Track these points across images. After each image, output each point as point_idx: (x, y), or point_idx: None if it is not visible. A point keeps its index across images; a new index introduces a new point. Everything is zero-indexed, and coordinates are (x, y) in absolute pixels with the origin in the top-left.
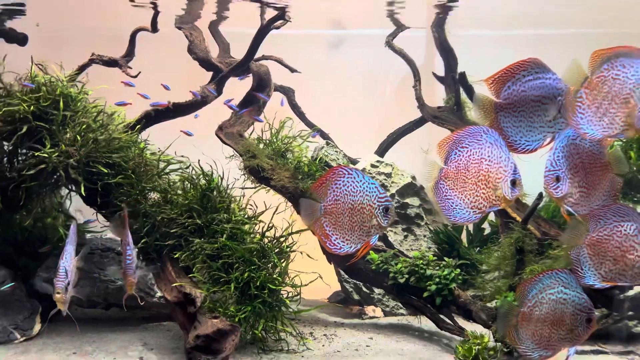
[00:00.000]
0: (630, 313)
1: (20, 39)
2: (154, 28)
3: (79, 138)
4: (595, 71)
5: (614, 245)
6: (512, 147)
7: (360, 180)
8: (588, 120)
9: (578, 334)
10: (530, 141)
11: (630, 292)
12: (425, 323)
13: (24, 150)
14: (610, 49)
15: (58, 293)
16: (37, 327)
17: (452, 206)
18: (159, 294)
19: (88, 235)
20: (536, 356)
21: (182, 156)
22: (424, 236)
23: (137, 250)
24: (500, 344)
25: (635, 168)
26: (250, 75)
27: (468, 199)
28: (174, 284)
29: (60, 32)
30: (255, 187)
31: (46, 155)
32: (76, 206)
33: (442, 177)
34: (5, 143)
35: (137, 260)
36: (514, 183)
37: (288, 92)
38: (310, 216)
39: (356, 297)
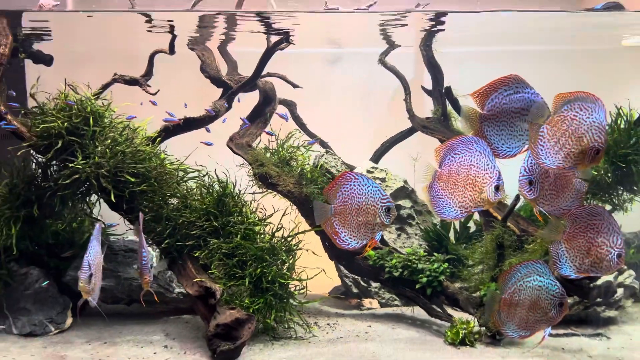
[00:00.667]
0: (598, 300)
1: (47, 60)
2: (172, 50)
3: (107, 151)
4: (557, 111)
5: (587, 241)
6: (494, 153)
7: (365, 184)
8: (546, 152)
9: (552, 316)
10: (510, 147)
11: (598, 282)
12: (418, 313)
13: (55, 162)
14: (571, 93)
15: (82, 283)
16: (69, 320)
17: (442, 204)
18: (177, 290)
19: (112, 238)
20: (516, 336)
21: (202, 166)
22: (416, 235)
23: (158, 250)
24: (484, 328)
25: (602, 171)
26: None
27: (457, 199)
28: (195, 280)
29: (82, 54)
30: (263, 192)
31: (80, 166)
32: (95, 213)
33: (436, 179)
34: (39, 156)
35: (158, 259)
36: (497, 188)
37: (290, 106)
38: (322, 216)
39: (355, 290)
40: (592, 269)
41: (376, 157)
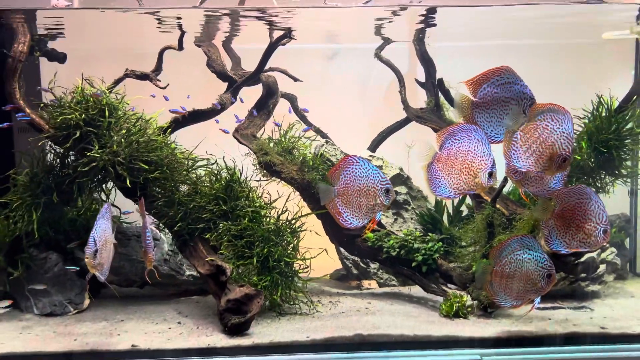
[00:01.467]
0: (582, 275)
1: (61, 58)
2: (180, 47)
3: (123, 141)
4: (531, 119)
5: (575, 219)
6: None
7: (366, 167)
8: (518, 156)
9: (541, 287)
10: (499, 134)
11: (582, 259)
12: (414, 291)
13: (73, 152)
14: (545, 104)
15: (87, 258)
16: (87, 301)
17: (438, 184)
18: (187, 273)
19: (125, 225)
20: (508, 305)
21: (211, 154)
22: (411, 219)
23: (170, 234)
24: (476, 301)
25: (585, 156)
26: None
27: (452, 181)
28: (206, 259)
29: (93, 51)
30: (267, 180)
31: (97, 155)
32: (111, 200)
33: (435, 160)
34: (56, 147)
35: (170, 244)
36: (490, 174)
37: (291, 98)
38: (326, 197)
39: (355, 271)
40: (581, 244)
41: (373, 146)
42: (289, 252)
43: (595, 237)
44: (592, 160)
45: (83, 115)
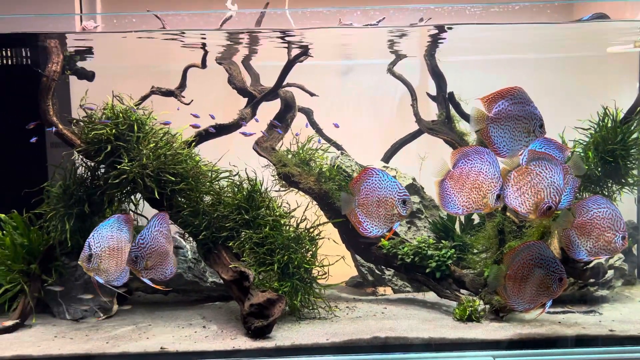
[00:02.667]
0: (591, 280)
1: (89, 76)
2: (204, 65)
3: (151, 154)
4: (527, 163)
5: (595, 227)
6: (496, 152)
7: (385, 179)
8: (508, 194)
9: (553, 290)
10: (510, 150)
11: (590, 264)
12: (428, 297)
13: (103, 165)
14: (540, 153)
15: (80, 262)
16: (115, 307)
17: (449, 200)
18: (210, 279)
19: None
20: (521, 308)
21: (234, 166)
22: (424, 227)
23: (194, 242)
24: (488, 306)
25: (592, 165)
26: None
27: (462, 198)
28: (230, 266)
29: (121, 69)
30: (286, 190)
31: (127, 167)
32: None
33: (448, 177)
34: (87, 160)
35: (190, 249)
36: (498, 197)
37: (308, 112)
38: (347, 207)
39: (370, 278)
40: (602, 251)
41: (387, 158)
42: (308, 259)
43: (614, 243)
44: (599, 169)
45: (114, 131)
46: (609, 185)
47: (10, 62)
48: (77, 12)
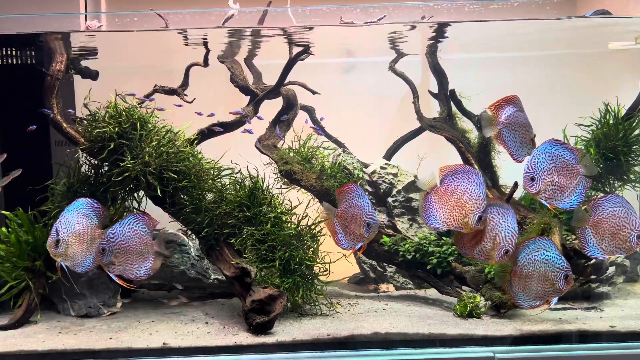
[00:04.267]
0: (592, 277)
1: (94, 75)
2: (206, 63)
3: (154, 152)
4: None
5: (610, 226)
6: (512, 156)
7: (361, 198)
8: (463, 243)
9: (559, 288)
10: (519, 154)
11: (592, 261)
12: (429, 294)
13: (106, 163)
14: (492, 198)
15: (47, 246)
16: (119, 304)
17: (430, 214)
18: (212, 276)
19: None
20: (527, 305)
21: (236, 164)
22: (426, 224)
23: (196, 240)
24: (488, 302)
25: (594, 162)
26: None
27: (444, 215)
28: (232, 262)
29: (124, 69)
30: (288, 187)
31: (130, 165)
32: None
33: (432, 191)
34: (90, 158)
35: (193, 247)
36: (479, 219)
37: (310, 110)
38: (328, 215)
39: (372, 275)
40: (617, 249)
41: (388, 155)
42: (309, 256)
43: (629, 242)
44: (601, 166)
45: (116, 129)
46: (611, 182)
47: (15, 62)
48: (82, 11)
